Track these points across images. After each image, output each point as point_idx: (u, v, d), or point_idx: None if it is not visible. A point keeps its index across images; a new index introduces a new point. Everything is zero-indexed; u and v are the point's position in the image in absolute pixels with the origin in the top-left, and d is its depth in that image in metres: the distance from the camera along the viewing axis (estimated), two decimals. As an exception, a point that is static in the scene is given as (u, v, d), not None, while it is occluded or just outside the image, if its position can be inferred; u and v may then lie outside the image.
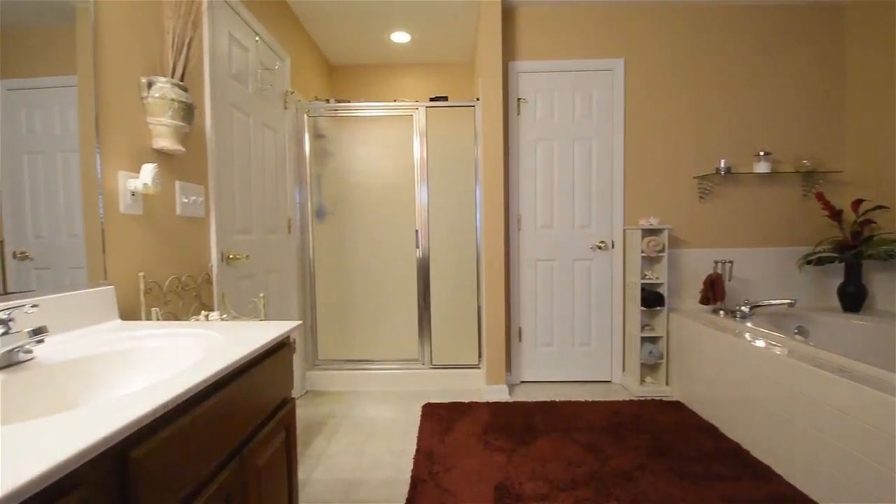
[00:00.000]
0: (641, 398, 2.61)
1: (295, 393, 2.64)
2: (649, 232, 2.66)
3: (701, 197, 2.81)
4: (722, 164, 2.69)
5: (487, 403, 2.52)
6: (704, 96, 2.80)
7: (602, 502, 1.57)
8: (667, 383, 2.72)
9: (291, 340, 1.18)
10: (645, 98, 2.81)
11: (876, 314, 2.47)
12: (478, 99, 2.76)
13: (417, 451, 1.98)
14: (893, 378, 1.43)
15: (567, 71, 2.82)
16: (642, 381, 2.73)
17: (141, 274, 1.33)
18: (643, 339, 2.69)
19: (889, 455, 1.32)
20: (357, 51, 3.38)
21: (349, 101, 2.81)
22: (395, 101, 2.81)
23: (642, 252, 2.63)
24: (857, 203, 2.53)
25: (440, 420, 2.29)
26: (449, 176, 2.81)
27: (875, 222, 2.55)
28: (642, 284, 2.67)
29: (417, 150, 2.79)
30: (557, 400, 2.57)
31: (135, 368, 0.94)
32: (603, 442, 2.03)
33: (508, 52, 2.81)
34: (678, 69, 2.80)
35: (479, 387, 2.79)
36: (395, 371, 2.81)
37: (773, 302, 2.41)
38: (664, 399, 2.58)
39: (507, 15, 2.79)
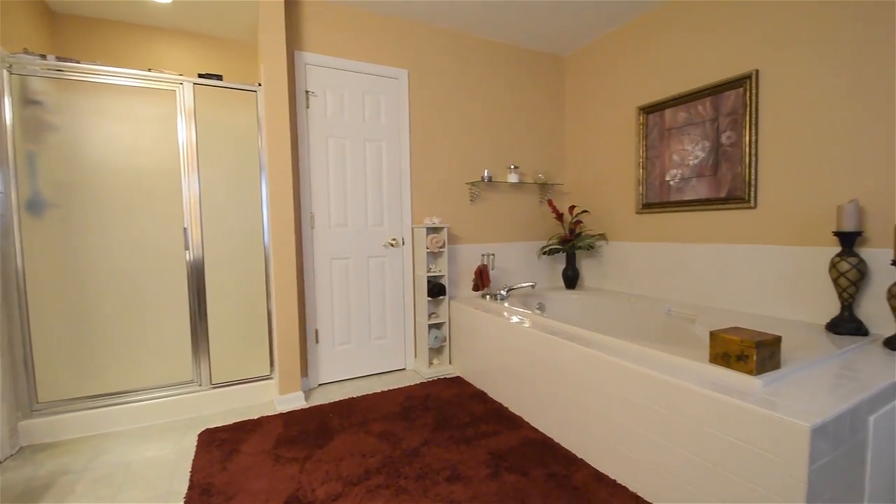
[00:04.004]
0: (430, 379, 2.89)
1: (-8, 456, 1.90)
2: (432, 230, 2.96)
3: (471, 200, 3.29)
4: (486, 174, 3.20)
5: (281, 415, 2.36)
6: (472, 115, 3.28)
7: (393, 484, 1.68)
8: (450, 362, 3.09)
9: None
10: (426, 109, 3.10)
11: (585, 289, 3.38)
12: (259, 84, 2.52)
13: (190, 488, 1.70)
14: (591, 335, 1.98)
15: (357, 72, 2.87)
16: (430, 363, 3.03)
17: None
18: (430, 326, 2.99)
19: (585, 392, 1.83)
20: (90, -2, 2.63)
21: (80, 62, 2.17)
22: (149, 70, 2.31)
23: (427, 248, 2.91)
24: (571, 208, 3.41)
25: (221, 446, 2.02)
26: (227, 166, 2.48)
27: (582, 222, 3.49)
28: (428, 277, 2.96)
29: (183, 132, 2.37)
30: (355, 396, 2.60)
31: None
32: (396, 427, 2.17)
33: (295, 40, 2.67)
34: (452, 88, 3.19)
35: (272, 398, 2.59)
36: (161, 399, 2.34)
37: (522, 285, 3.03)
38: (448, 377, 2.93)
39: (293, 1, 2.64)
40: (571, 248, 3.34)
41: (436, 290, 2.95)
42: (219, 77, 2.48)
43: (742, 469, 1.26)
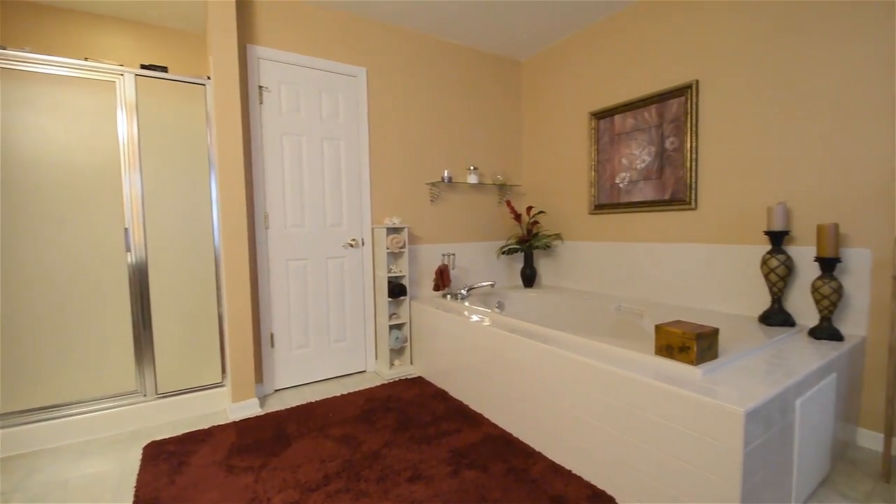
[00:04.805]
0: (391, 380, 2.87)
1: None
2: (393, 230, 2.94)
3: (432, 200, 3.30)
4: (445, 174, 3.22)
5: (234, 423, 2.26)
6: (432, 115, 3.29)
7: (353, 488, 1.65)
8: (411, 363, 3.08)
9: None
10: (386, 108, 3.08)
11: (542, 288, 3.47)
12: (209, 78, 2.41)
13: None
14: (548, 332, 2.04)
15: (314, 68, 2.80)
16: (391, 364, 3.01)
17: None
18: (391, 327, 2.97)
19: (542, 387, 1.89)
20: (13, -23, 2.41)
21: (6, 48, 1.98)
22: (86, 59, 2.15)
23: (387, 248, 2.89)
24: (529, 209, 3.50)
25: (169, 458, 1.91)
26: (173, 163, 2.35)
27: (539, 222, 3.58)
28: (389, 277, 2.94)
29: (123, 126, 2.22)
30: (314, 401, 2.54)
31: None
32: (356, 430, 2.14)
33: (247, 33, 2.57)
34: (412, 88, 3.18)
35: (225, 407, 2.48)
36: (101, 412, 2.18)
37: (482, 284, 3.07)
38: (409, 377, 2.92)
39: (243, -8, 2.54)
40: (529, 247, 3.43)
41: (396, 290, 2.93)
42: (164, 69, 2.35)
43: (685, 453, 1.35)
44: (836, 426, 1.74)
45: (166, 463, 1.87)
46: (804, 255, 2.09)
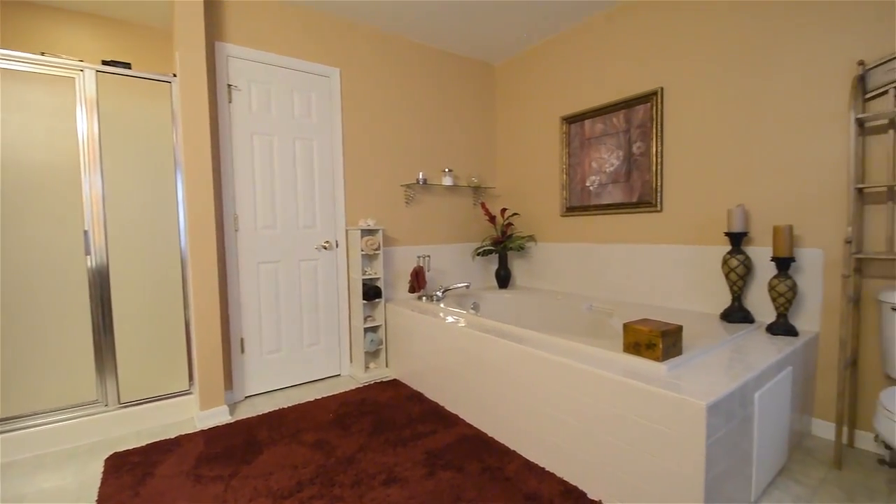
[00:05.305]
0: (366, 383, 2.84)
1: None
2: (367, 232, 2.92)
3: (407, 202, 3.30)
4: (420, 176, 3.23)
5: (202, 432, 2.19)
6: (407, 117, 3.29)
7: (327, 494, 1.63)
8: (387, 365, 3.07)
9: None
10: (360, 109, 3.06)
11: (516, 288, 3.52)
12: (175, 75, 2.34)
13: (94, 518, 1.52)
14: (522, 332, 2.07)
15: (286, 68, 2.75)
16: (367, 367, 2.99)
17: None
18: (366, 330, 2.94)
19: (516, 386, 1.91)
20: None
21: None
22: (42, 54, 2.05)
23: (362, 250, 2.86)
24: (503, 211, 3.54)
25: (133, 470, 1.84)
26: (136, 163, 2.26)
27: (513, 224, 3.63)
28: (364, 280, 2.91)
29: (84, 125, 2.13)
30: (286, 406, 2.49)
31: None
32: (330, 435, 2.11)
33: (216, 30, 2.50)
34: (386, 89, 3.18)
35: (192, 415, 2.40)
36: (60, 424, 2.07)
37: (457, 285, 3.09)
38: (385, 380, 2.90)
39: (212, -12, 2.48)
40: (503, 249, 3.47)
41: (371, 292, 2.91)
42: (127, 65, 2.26)
43: (652, 446, 1.40)
44: (792, 417, 1.84)
45: (130, 475, 1.80)
46: (762, 255, 2.20)
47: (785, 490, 1.66)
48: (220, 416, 2.36)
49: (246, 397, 2.67)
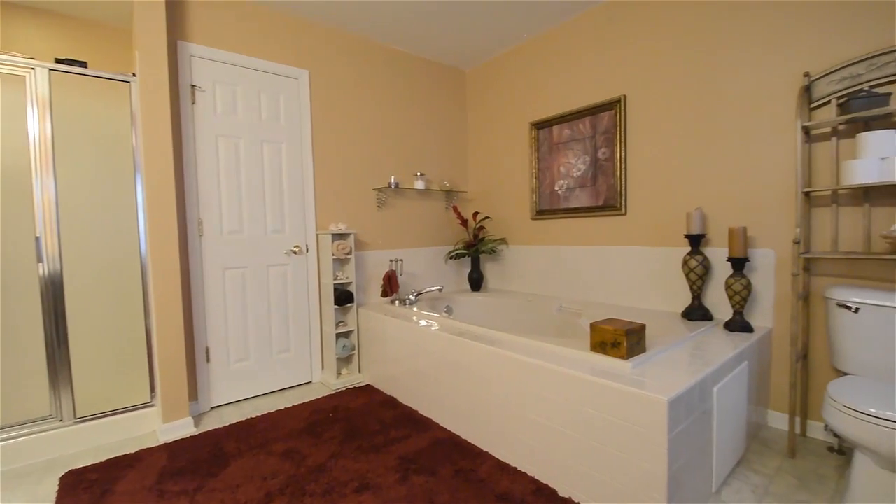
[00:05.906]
0: (339, 390, 2.80)
1: None
2: (339, 236, 2.89)
3: (378, 206, 3.28)
4: (392, 180, 3.22)
5: (165, 445, 2.11)
6: (378, 121, 3.28)
7: None
8: (359, 371, 3.03)
9: None
10: (330, 111, 3.03)
11: (489, 291, 3.55)
12: (134, 74, 2.25)
13: (45, 541, 1.44)
14: (494, 334, 2.10)
15: (252, 69, 2.70)
16: (339, 374, 2.94)
17: None
18: (338, 335, 2.90)
19: (487, 388, 1.93)
20: None
21: None
22: (-16, 50, 1.94)
23: (333, 255, 2.83)
24: (475, 214, 3.57)
25: (90, 487, 1.75)
26: (92, 165, 2.16)
27: (485, 228, 3.67)
28: (335, 285, 2.87)
29: (35, 125, 2.02)
30: (255, 416, 2.42)
31: None
32: (301, 444, 2.06)
33: (178, 29, 2.43)
34: (357, 92, 3.16)
35: (155, 428, 2.30)
36: (10, 441, 1.94)
37: (430, 289, 3.09)
38: (357, 386, 2.87)
39: (174, -13, 2.41)
40: (476, 252, 3.50)
41: (343, 297, 2.88)
42: (83, 64, 2.17)
43: (617, 442, 1.44)
44: (749, 409, 1.93)
45: (87, 493, 1.71)
46: (719, 256, 2.30)
47: (744, 480, 1.74)
48: (184, 428, 2.27)
49: (212, 408, 2.58)
